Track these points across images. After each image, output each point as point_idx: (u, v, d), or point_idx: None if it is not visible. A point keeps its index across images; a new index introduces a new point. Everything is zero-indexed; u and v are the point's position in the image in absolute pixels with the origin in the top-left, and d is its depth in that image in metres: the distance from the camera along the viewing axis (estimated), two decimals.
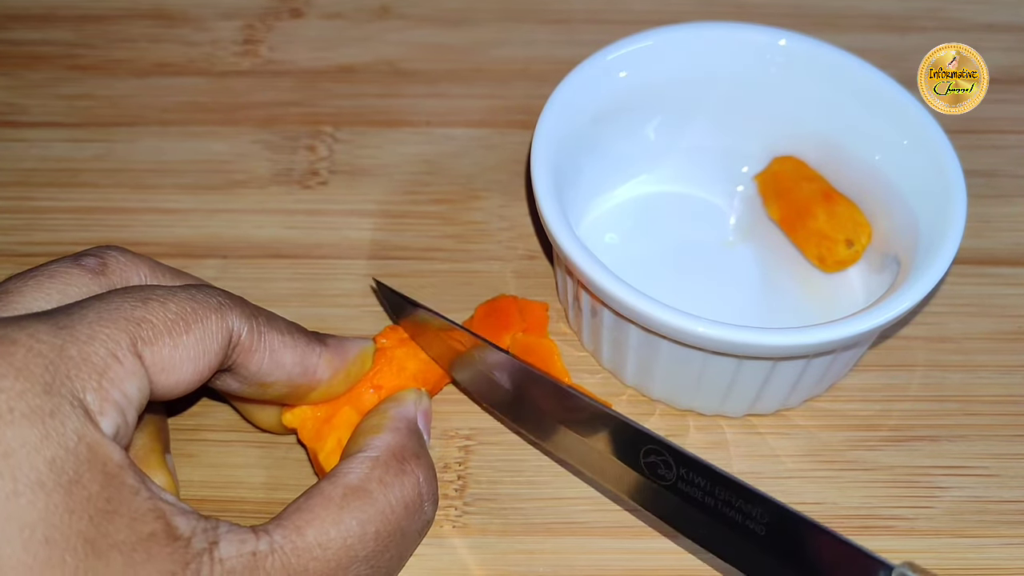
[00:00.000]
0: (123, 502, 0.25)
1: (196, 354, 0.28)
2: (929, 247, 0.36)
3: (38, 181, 0.45)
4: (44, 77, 0.49)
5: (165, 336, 0.28)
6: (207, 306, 0.29)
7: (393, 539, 0.31)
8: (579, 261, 0.35)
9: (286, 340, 0.32)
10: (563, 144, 0.39)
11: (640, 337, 0.36)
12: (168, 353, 0.28)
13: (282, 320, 0.32)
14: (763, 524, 0.30)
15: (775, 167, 0.43)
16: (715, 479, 0.31)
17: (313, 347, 0.33)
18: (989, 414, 0.39)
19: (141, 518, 0.25)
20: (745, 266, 0.42)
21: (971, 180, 0.38)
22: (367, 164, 0.46)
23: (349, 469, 0.31)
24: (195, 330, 0.28)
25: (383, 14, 0.53)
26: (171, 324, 0.28)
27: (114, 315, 0.27)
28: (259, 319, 0.31)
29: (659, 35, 0.41)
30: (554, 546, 0.35)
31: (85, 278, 0.30)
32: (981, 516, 0.36)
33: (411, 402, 0.35)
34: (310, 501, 0.29)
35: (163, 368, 0.28)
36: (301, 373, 0.33)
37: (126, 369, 0.26)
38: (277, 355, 0.32)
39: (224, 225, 0.44)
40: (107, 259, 0.31)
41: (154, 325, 0.28)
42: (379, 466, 0.31)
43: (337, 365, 0.34)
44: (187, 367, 0.28)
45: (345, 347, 0.34)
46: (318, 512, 0.29)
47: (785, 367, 0.35)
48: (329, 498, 0.30)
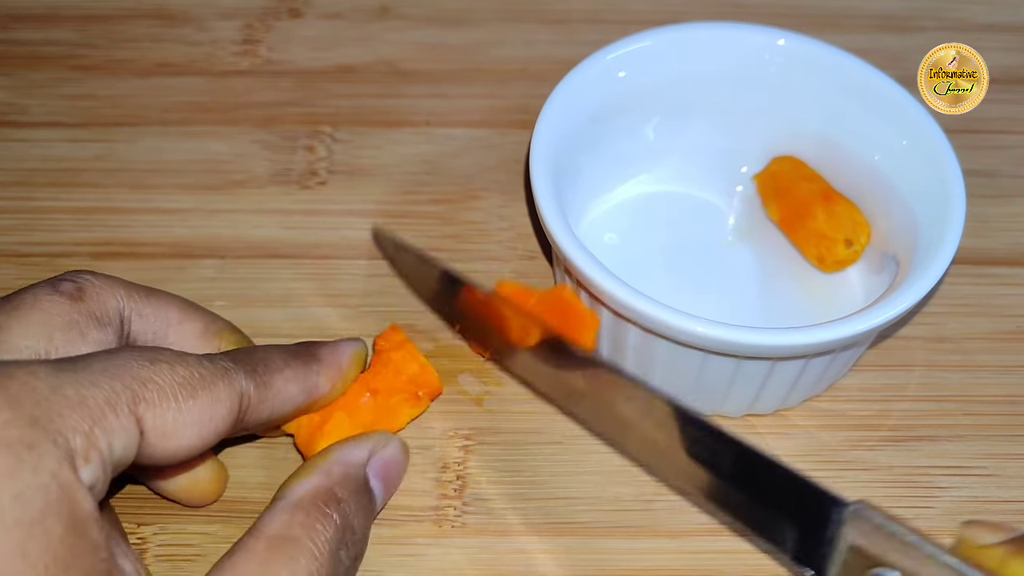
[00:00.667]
0: (82, 555, 0.24)
1: (201, 419, 0.28)
2: (928, 247, 0.36)
3: (39, 181, 0.45)
4: (45, 77, 0.49)
5: (170, 399, 0.27)
6: (214, 372, 0.29)
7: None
8: (578, 261, 0.35)
9: (287, 375, 0.32)
10: (562, 144, 0.39)
11: (639, 337, 0.36)
12: (172, 417, 0.27)
13: (277, 354, 0.32)
14: (730, 462, 0.32)
15: (774, 167, 0.43)
16: (686, 419, 0.32)
17: (311, 367, 0.33)
18: (988, 414, 0.39)
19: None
20: (744, 266, 0.42)
21: (971, 180, 0.38)
22: (366, 164, 0.46)
23: (270, 519, 0.30)
24: (202, 397, 0.28)
25: (383, 14, 0.53)
26: (177, 388, 0.28)
27: (119, 370, 0.27)
28: (259, 370, 0.31)
29: (658, 35, 0.41)
30: (554, 546, 0.35)
31: (65, 305, 0.30)
32: (980, 516, 0.36)
33: (365, 447, 0.34)
34: (232, 559, 0.29)
35: (164, 433, 0.27)
36: (305, 398, 0.33)
37: (120, 424, 0.26)
38: (284, 395, 0.32)
39: (223, 225, 0.44)
40: (83, 284, 0.31)
41: (160, 387, 0.27)
42: (300, 511, 0.30)
43: (335, 376, 0.34)
44: (190, 432, 0.28)
45: (339, 355, 0.34)
46: (240, 569, 0.28)
47: (784, 367, 0.35)
48: (252, 552, 0.29)
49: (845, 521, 0.29)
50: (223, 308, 0.41)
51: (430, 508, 0.36)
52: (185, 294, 0.35)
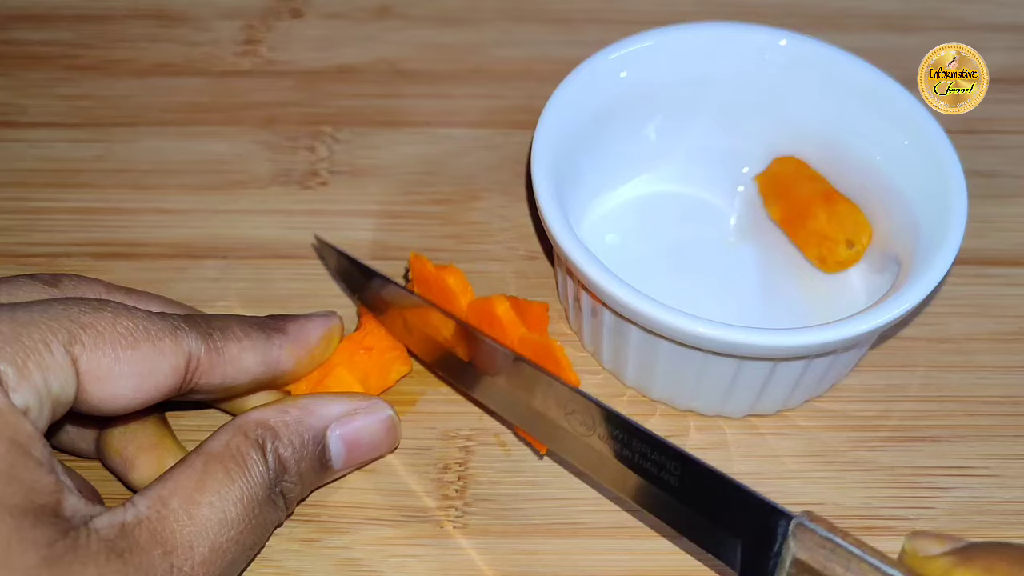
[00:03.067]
0: (26, 470, 0.26)
1: (141, 371, 0.29)
2: (929, 247, 0.36)
3: (38, 181, 0.45)
4: (44, 77, 0.49)
5: (107, 346, 0.28)
6: (161, 329, 0.30)
7: (259, 508, 0.31)
8: (580, 261, 0.35)
9: (244, 344, 0.32)
10: (564, 144, 0.39)
11: (640, 337, 0.36)
12: (108, 364, 0.28)
13: (236, 322, 0.33)
14: (676, 475, 0.31)
15: (776, 167, 0.43)
16: (632, 432, 0.32)
17: (273, 340, 0.33)
18: (990, 415, 0.39)
19: (39, 490, 0.26)
20: (745, 266, 0.42)
21: (971, 180, 0.38)
22: (367, 164, 0.46)
23: (214, 438, 0.31)
24: (143, 348, 0.29)
25: (383, 14, 0.53)
26: (117, 336, 0.29)
27: (59, 313, 0.28)
28: (215, 335, 0.32)
29: (659, 35, 0.41)
30: (555, 546, 0.35)
31: (38, 286, 0.31)
32: (982, 517, 0.36)
33: (343, 406, 0.34)
34: (173, 471, 0.30)
35: (99, 376, 0.28)
36: (265, 370, 0.33)
37: (56, 361, 0.27)
38: (238, 363, 0.32)
39: (224, 225, 0.44)
40: (61, 276, 0.32)
41: (98, 332, 0.28)
42: (239, 434, 0.31)
43: (300, 352, 0.34)
44: (128, 382, 0.29)
45: (306, 331, 0.35)
46: (180, 481, 0.29)
47: (786, 368, 0.35)
48: (191, 466, 0.30)
49: (790, 534, 0.28)
50: (226, 308, 0.41)
51: (431, 509, 0.36)
52: (187, 295, 0.35)
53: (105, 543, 0.27)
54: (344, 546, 0.35)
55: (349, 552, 0.35)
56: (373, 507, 0.36)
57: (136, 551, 0.27)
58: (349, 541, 0.35)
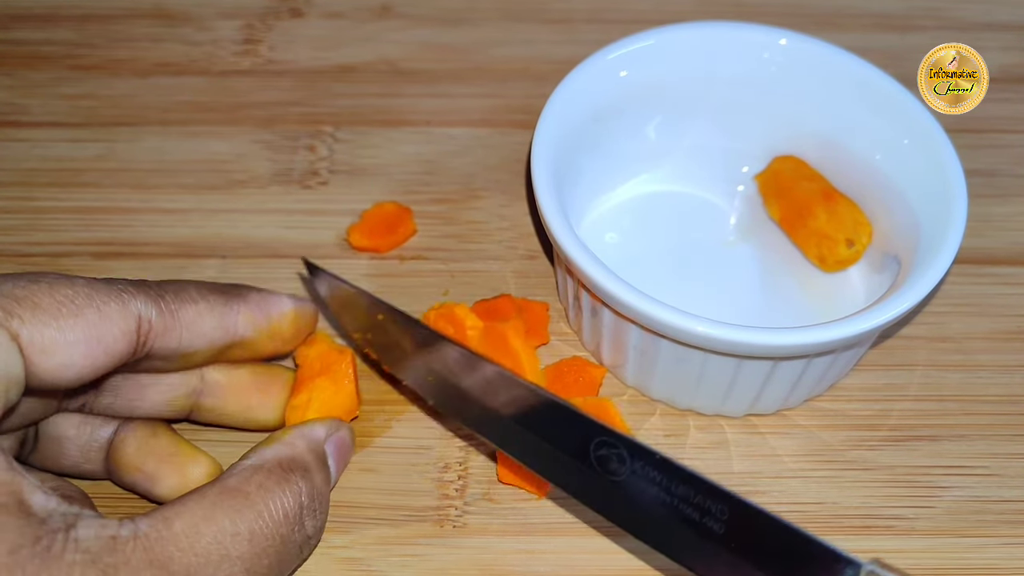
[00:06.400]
0: None
1: (87, 338, 0.28)
2: (929, 247, 0.36)
3: (39, 181, 0.45)
4: (46, 77, 0.49)
5: (47, 317, 0.27)
6: (106, 294, 0.29)
7: (271, 544, 0.30)
8: (579, 261, 0.35)
9: (200, 308, 0.32)
10: (563, 143, 0.39)
11: (640, 337, 0.36)
12: (51, 334, 0.27)
13: (192, 286, 0.32)
14: (722, 521, 0.29)
15: (775, 166, 0.43)
16: (672, 473, 0.30)
17: (231, 305, 0.33)
18: (989, 414, 0.39)
19: None
20: (745, 266, 0.42)
21: (971, 180, 0.38)
22: (367, 164, 0.46)
23: (231, 473, 0.30)
24: (88, 315, 0.28)
25: (383, 14, 0.53)
26: (57, 306, 0.28)
27: None
28: (167, 298, 0.31)
29: (659, 35, 0.41)
30: (554, 546, 0.35)
31: None
32: (981, 516, 0.36)
33: (323, 427, 0.34)
34: (184, 497, 0.29)
35: (43, 349, 0.27)
36: (222, 335, 0.33)
37: None
38: (194, 326, 0.32)
39: (224, 225, 0.44)
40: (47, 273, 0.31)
41: (35, 305, 0.27)
42: (260, 472, 0.30)
43: (259, 320, 0.34)
44: (76, 351, 0.28)
45: (268, 302, 0.34)
46: (190, 506, 0.28)
47: (785, 367, 0.35)
48: (203, 495, 0.29)
49: None
50: None
51: (431, 508, 0.36)
52: None
53: (85, 555, 0.25)
54: (345, 545, 0.35)
55: (350, 551, 0.35)
56: (373, 507, 0.36)
57: (123, 569, 0.26)
58: (350, 540, 0.35)
